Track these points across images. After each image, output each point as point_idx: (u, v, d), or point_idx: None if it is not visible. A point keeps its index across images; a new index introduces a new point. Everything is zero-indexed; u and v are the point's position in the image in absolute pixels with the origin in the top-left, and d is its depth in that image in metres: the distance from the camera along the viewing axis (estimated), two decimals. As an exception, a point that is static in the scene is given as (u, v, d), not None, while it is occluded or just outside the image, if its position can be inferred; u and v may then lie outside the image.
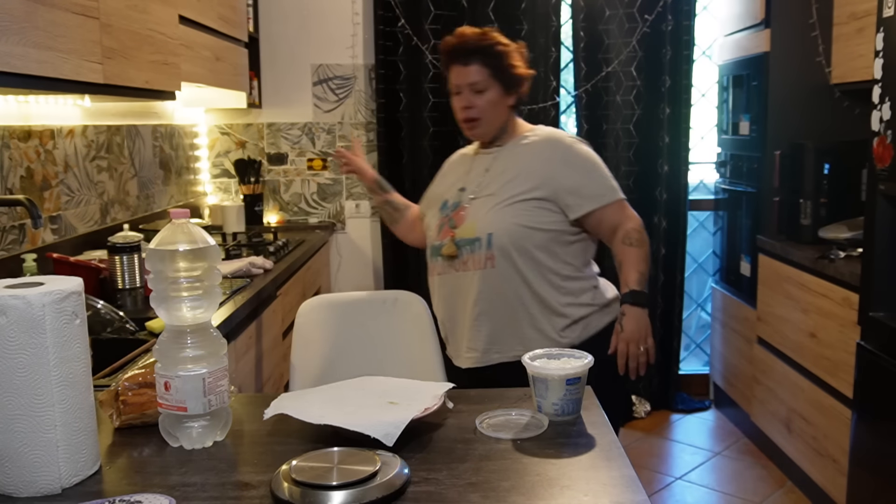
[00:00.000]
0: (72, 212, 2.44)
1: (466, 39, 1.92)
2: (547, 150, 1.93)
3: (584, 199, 1.88)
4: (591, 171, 1.93)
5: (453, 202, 1.99)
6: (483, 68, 1.91)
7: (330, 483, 0.99)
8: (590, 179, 1.91)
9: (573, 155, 1.93)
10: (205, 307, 1.18)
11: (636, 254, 1.87)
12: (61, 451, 1.03)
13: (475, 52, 1.91)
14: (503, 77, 1.92)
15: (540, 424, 1.23)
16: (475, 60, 1.91)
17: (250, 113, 3.82)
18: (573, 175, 1.90)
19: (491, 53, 1.91)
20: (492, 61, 1.91)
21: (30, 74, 1.53)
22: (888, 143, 2.17)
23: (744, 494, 3.03)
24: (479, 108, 1.93)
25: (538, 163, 1.91)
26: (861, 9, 2.83)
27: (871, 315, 2.30)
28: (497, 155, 1.98)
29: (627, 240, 1.88)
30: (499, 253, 1.85)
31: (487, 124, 1.95)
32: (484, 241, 1.87)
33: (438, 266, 1.96)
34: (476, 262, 1.87)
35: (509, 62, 1.93)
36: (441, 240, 1.94)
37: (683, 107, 3.72)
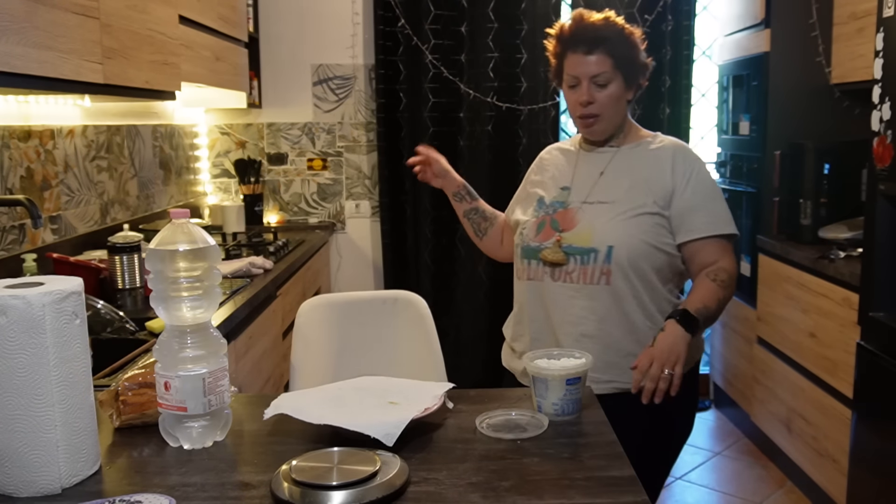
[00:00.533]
0: (72, 212, 2.44)
1: (591, 24, 1.70)
2: (675, 162, 1.74)
3: (700, 223, 1.70)
4: (715, 195, 1.75)
5: (555, 201, 1.79)
6: (607, 58, 1.68)
7: (330, 483, 0.99)
8: (712, 204, 1.73)
9: (701, 173, 1.74)
10: (205, 307, 1.18)
11: (715, 291, 1.66)
12: (61, 451, 1.03)
13: (601, 39, 1.68)
14: (628, 68, 1.71)
15: (540, 424, 1.23)
16: (600, 49, 1.68)
17: (250, 113, 3.82)
18: (696, 195, 1.71)
19: (617, 41, 1.70)
20: (618, 50, 1.69)
21: (30, 74, 1.53)
22: (888, 143, 2.17)
23: (744, 494, 3.03)
24: (601, 102, 1.71)
25: (663, 174, 1.72)
26: (861, 9, 2.83)
27: (871, 315, 2.30)
28: (614, 156, 1.78)
29: (714, 276, 1.68)
30: (617, 269, 1.66)
31: (608, 121, 1.75)
32: (602, 253, 1.67)
33: (531, 270, 1.76)
34: (587, 275, 1.68)
35: (635, 51, 1.73)
36: (541, 241, 1.73)
37: (683, 107, 3.72)
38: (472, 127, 3.71)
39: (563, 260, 1.69)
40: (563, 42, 1.74)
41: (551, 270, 1.71)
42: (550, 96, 3.71)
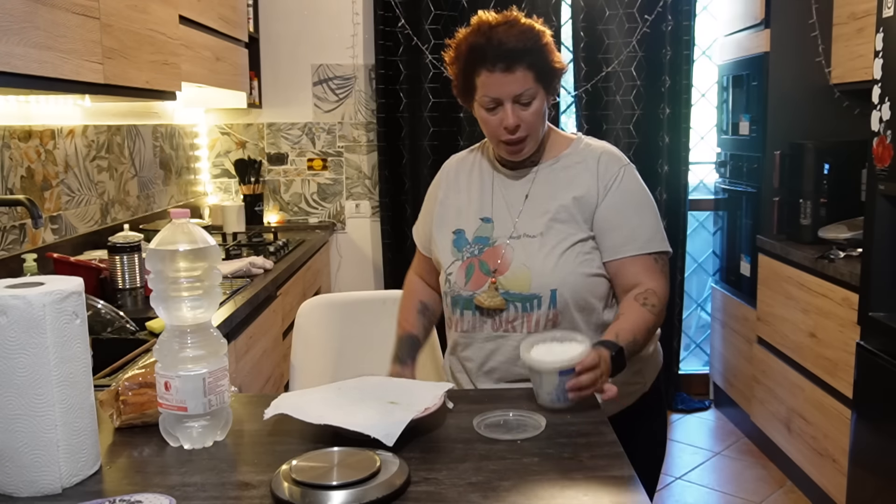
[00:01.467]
0: (72, 212, 2.44)
1: (504, 35, 1.47)
2: (598, 175, 1.57)
3: (617, 242, 1.54)
4: (638, 208, 1.57)
5: (478, 237, 1.60)
6: (529, 72, 1.47)
7: (330, 483, 0.99)
8: (634, 219, 1.55)
9: (623, 184, 1.56)
10: (205, 307, 1.18)
11: (646, 319, 1.48)
12: (61, 451, 1.03)
13: (520, 53, 1.46)
14: (549, 77, 1.52)
15: (538, 425, 1.23)
16: (520, 64, 1.46)
17: (250, 113, 3.82)
18: (613, 210, 1.54)
19: (537, 50, 1.48)
20: (538, 61, 1.49)
21: (30, 74, 1.53)
22: (888, 143, 2.17)
23: (744, 494, 3.03)
24: (528, 122, 1.50)
25: (588, 190, 1.56)
26: (861, 9, 2.83)
27: (871, 315, 2.30)
28: (536, 177, 1.60)
29: (644, 300, 1.50)
30: (564, 311, 1.52)
31: (535, 141, 1.55)
32: (545, 298, 1.51)
33: (465, 321, 1.58)
34: (531, 323, 1.52)
35: (553, 56, 1.52)
36: (473, 289, 1.55)
37: (683, 107, 3.72)
38: (472, 127, 3.71)
39: (502, 305, 1.52)
40: (474, 57, 1.49)
41: (490, 320, 1.54)
42: (550, 96, 3.71)
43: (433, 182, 1.75)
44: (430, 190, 1.75)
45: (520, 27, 1.49)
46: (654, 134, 3.76)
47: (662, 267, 1.57)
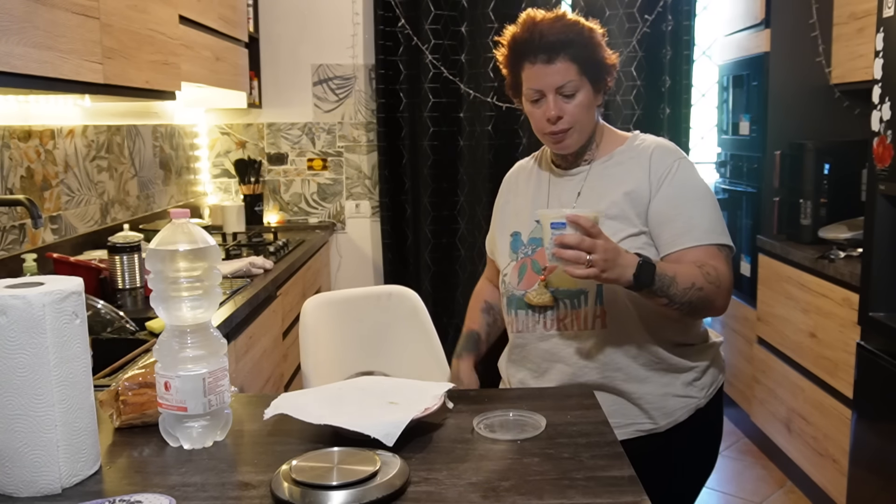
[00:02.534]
0: (72, 212, 2.44)
1: (547, 28, 1.48)
2: (650, 168, 1.53)
3: (673, 234, 1.48)
4: (695, 199, 1.51)
5: (532, 236, 1.60)
6: (571, 64, 1.47)
7: (330, 483, 0.99)
8: (690, 210, 1.50)
9: (683, 174, 1.53)
10: (205, 307, 1.18)
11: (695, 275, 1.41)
12: (61, 451, 1.03)
13: (562, 44, 1.46)
14: (594, 71, 1.51)
15: (538, 425, 1.23)
16: (562, 56, 1.46)
17: (250, 113, 3.82)
18: (668, 202, 1.50)
19: (579, 43, 1.48)
20: (582, 53, 1.48)
21: (30, 74, 1.53)
22: (888, 143, 2.17)
23: (744, 494, 3.03)
24: (571, 115, 1.50)
25: (640, 185, 1.52)
26: (861, 9, 2.83)
27: (871, 315, 2.30)
28: (587, 175, 1.58)
29: (702, 266, 1.44)
30: (612, 309, 1.50)
31: (580, 133, 1.53)
32: (592, 293, 1.49)
33: (520, 321, 1.57)
34: (580, 320, 1.51)
35: (600, 51, 1.53)
36: (525, 288, 1.55)
37: (683, 107, 3.72)
38: (472, 127, 3.71)
39: (551, 302, 1.52)
40: (518, 51, 1.51)
41: (542, 318, 1.54)
42: (550, 96, 3.71)
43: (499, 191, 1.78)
44: (497, 199, 1.77)
45: (564, 21, 1.50)
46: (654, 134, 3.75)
47: (727, 257, 1.51)
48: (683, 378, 1.56)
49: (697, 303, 1.42)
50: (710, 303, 1.44)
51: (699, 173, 1.57)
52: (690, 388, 1.57)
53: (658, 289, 1.37)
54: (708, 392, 1.60)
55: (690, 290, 1.40)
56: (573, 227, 1.30)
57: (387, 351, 2.08)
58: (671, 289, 1.38)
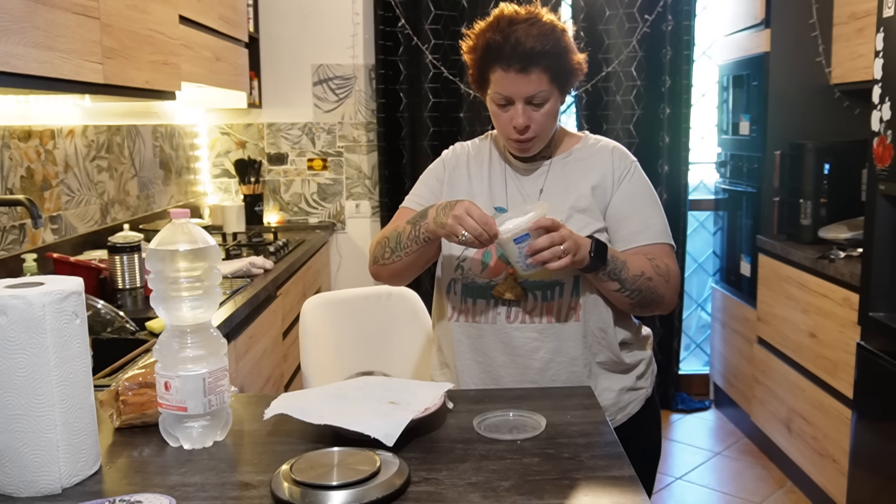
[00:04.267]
0: (72, 212, 2.44)
1: (523, 35, 1.43)
2: (613, 167, 1.56)
3: (632, 231, 1.51)
4: (654, 202, 1.57)
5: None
6: (543, 74, 1.45)
7: (330, 483, 0.99)
8: (652, 210, 1.55)
9: (639, 175, 1.57)
10: (205, 307, 1.18)
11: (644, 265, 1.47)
12: (61, 451, 1.03)
13: (537, 55, 1.43)
14: (564, 79, 1.50)
15: (538, 425, 1.23)
16: (536, 66, 1.44)
17: (250, 113, 3.82)
18: (628, 201, 1.54)
19: (554, 53, 1.45)
20: (555, 63, 1.46)
21: (30, 74, 1.53)
22: (888, 143, 2.17)
23: (744, 494, 3.03)
24: (538, 123, 1.49)
25: (603, 179, 1.55)
26: (861, 9, 2.83)
27: (871, 315, 2.30)
28: (548, 171, 1.58)
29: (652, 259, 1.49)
30: (587, 302, 1.50)
31: (544, 139, 1.55)
32: (569, 285, 1.49)
33: (476, 310, 1.54)
34: (553, 312, 1.50)
35: (571, 56, 1.49)
36: (490, 277, 1.52)
37: (683, 107, 3.72)
38: (472, 127, 3.71)
39: (521, 295, 1.49)
40: (490, 54, 1.46)
41: (506, 310, 1.50)
42: (550, 96, 3.71)
43: (435, 163, 1.71)
44: (432, 168, 1.70)
45: (540, 26, 1.45)
46: (654, 134, 3.76)
47: (674, 257, 1.57)
48: (635, 372, 1.61)
49: (647, 292, 1.47)
50: (658, 296, 1.49)
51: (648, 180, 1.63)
52: (640, 381, 1.62)
53: (611, 271, 1.42)
54: (651, 380, 1.66)
55: (640, 277, 1.45)
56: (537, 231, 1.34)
57: (387, 351, 2.08)
58: (622, 273, 1.43)
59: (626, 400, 1.60)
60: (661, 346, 3.91)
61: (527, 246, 1.34)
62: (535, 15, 1.47)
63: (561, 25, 1.49)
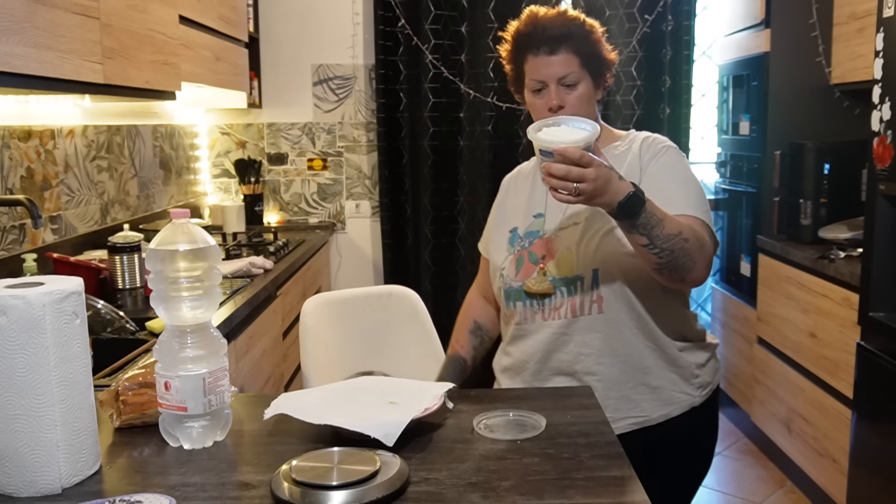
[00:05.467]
0: (72, 212, 2.44)
1: (550, 22, 1.53)
2: (641, 154, 1.56)
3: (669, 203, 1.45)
4: (687, 180, 1.55)
5: (529, 231, 1.62)
6: (573, 56, 1.51)
7: (330, 483, 0.99)
8: (682, 187, 1.52)
9: (670, 158, 1.55)
10: (205, 307, 1.18)
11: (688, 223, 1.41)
12: (61, 451, 1.03)
13: (563, 36, 1.51)
14: (595, 65, 1.55)
15: (538, 425, 1.23)
16: (563, 47, 1.51)
17: (250, 113, 3.82)
18: (662, 178, 1.52)
19: (581, 36, 1.53)
20: (583, 47, 1.53)
21: (30, 74, 1.53)
22: (888, 143, 2.17)
23: (744, 494, 3.03)
24: (572, 105, 1.52)
25: (631, 172, 1.53)
26: (861, 9, 2.83)
27: (871, 315, 2.30)
28: None
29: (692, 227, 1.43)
30: (609, 293, 1.51)
31: None
32: (588, 279, 1.51)
33: (518, 313, 1.59)
34: (576, 306, 1.52)
35: (600, 46, 1.56)
36: (522, 279, 1.57)
37: (683, 107, 3.72)
38: (472, 127, 3.71)
39: (550, 290, 1.53)
40: (521, 44, 1.56)
41: (540, 308, 1.55)
42: (550, 96, 3.71)
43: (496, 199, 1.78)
44: (495, 200, 1.78)
45: (566, 16, 1.54)
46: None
47: (711, 234, 1.49)
48: (679, 372, 1.57)
49: (679, 254, 1.38)
50: (691, 260, 1.40)
51: (686, 163, 1.59)
52: (686, 385, 1.58)
53: (641, 224, 1.34)
54: (703, 392, 1.60)
55: (676, 237, 1.37)
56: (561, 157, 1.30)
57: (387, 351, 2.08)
58: (655, 230, 1.35)
59: (666, 399, 1.56)
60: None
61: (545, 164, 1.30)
62: (562, 10, 1.56)
63: (589, 20, 1.57)
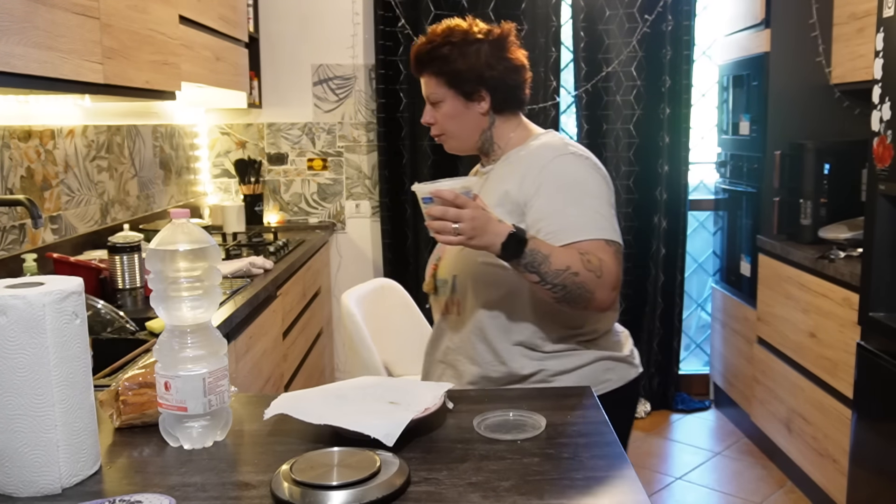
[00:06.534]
0: (72, 212, 2.44)
1: (418, 49, 1.65)
2: (528, 169, 1.56)
3: (564, 227, 1.48)
4: (576, 193, 1.52)
5: None
6: (433, 77, 1.63)
7: (330, 483, 0.99)
8: (567, 205, 1.51)
9: (558, 172, 1.54)
10: (205, 307, 1.18)
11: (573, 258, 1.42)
12: (61, 451, 1.03)
13: (426, 62, 1.64)
14: (461, 82, 1.61)
15: (538, 425, 1.23)
16: (427, 70, 1.64)
17: (250, 113, 3.82)
18: (548, 197, 1.52)
19: (438, 58, 1.61)
20: (442, 67, 1.61)
21: (30, 74, 1.53)
22: (888, 143, 2.17)
23: (744, 494, 3.03)
24: (439, 122, 1.65)
25: (516, 183, 1.56)
26: (861, 9, 2.83)
27: (871, 315, 2.30)
28: (488, 176, 1.67)
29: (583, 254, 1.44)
30: (463, 299, 1.61)
31: (456, 139, 1.67)
32: (450, 283, 1.64)
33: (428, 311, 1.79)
34: (444, 305, 1.67)
35: (463, 65, 1.60)
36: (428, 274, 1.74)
37: (683, 107, 3.72)
38: (472, 127, 3.71)
39: (432, 290, 1.68)
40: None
41: (432, 301, 1.72)
42: (550, 96, 3.71)
43: None
44: None
45: (431, 38, 1.63)
46: (654, 134, 3.76)
47: (616, 252, 1.49)
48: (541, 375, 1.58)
49: (572, 288, 1.41)
50: (588, 292, 1.43)
51: (588, 170, 1.56)
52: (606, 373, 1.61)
53: (528, 263, 1.39)
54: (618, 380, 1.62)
55: (565, 272, 1.40)
56: (438, 200, 1.36)
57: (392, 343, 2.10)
58: (543, 266, 1.39)
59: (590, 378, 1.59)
60: (661, 346, 3.91)
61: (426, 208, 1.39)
62: (438, 30, 1.64)
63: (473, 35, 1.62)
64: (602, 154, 3.77)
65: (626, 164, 3.78)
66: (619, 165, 3.77)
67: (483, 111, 1.63)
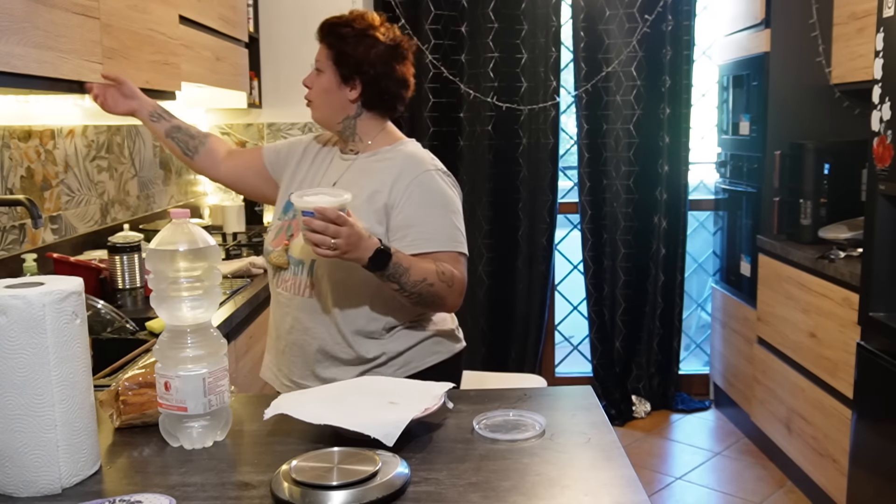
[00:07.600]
0: (72, 212, 2.44)
1: (330, 19, 1.77)
2: (398, 177, 1.66)
3: (426, 238, 1.62)
4: (442, 208, 1.65)
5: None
6: (325, 48, 1.73)
7: (330, 483, 0.99)
8: (434, 217, 1.64)
9: (428, 185, 1.66)
10: (205, 307, 1.18)
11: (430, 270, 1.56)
12: (61, 451, 1.03)
13: (325, 32, 1.75)
14: (343, 64, 1.69)
15: (538, 425, 1.23)
16: (324, 40, 1.75)
17: (250, 113, 3.82)
18: (417, 207, 1.64)
19: (336, 34, 1.72)
20: (335, 42, 1.71)
21: (30, 74, 1.53)
22: (888, 143, 2.17)
23: (744, 494, 3.03)
24: (314, 90, 1.73)
25: (384, 187, 1.65)
26: (861, 9, 2.83)
27: (871, 315, 2.30)
28: (351, 166, 1.73)
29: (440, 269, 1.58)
30: (318, 283, 1.66)
31: (318, 111, 1.74)
32: (306, 266, 1.67)
33: (269, 274, 1.79)
34: (296, 286, 1.69)
35: (352, 50, 1.69)
36: (273, 247, 1.73)
37: (683, 107, 3.72)
38: (472, 127, 3.71)
39: (285, 265, 1.70)
40: None
41: (275, 275, 1.73)
42: (550, 96, 3.71)
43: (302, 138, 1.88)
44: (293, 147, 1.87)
45: (343, 16, 1.75)
46: (654, 134, 3.76)
47: (465, 262, 1.67)
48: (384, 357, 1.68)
49: (427, 296, 1.58)
50: (440, 299, 1.61)
51: (452, 189, 1.70)
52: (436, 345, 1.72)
53: (391, 275, 1.53)
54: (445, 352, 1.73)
55: (421, 283, 1.56)
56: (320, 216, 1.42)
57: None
58: (403, 277, 1.54)
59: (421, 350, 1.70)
60: (661, 346, 3.91)
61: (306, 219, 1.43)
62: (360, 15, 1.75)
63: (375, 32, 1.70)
64: (602, 154, 3.77)
65: (626, 164, 3.78)
66: (619, 165, 3.77)
67: (352, 98, 1.70)
